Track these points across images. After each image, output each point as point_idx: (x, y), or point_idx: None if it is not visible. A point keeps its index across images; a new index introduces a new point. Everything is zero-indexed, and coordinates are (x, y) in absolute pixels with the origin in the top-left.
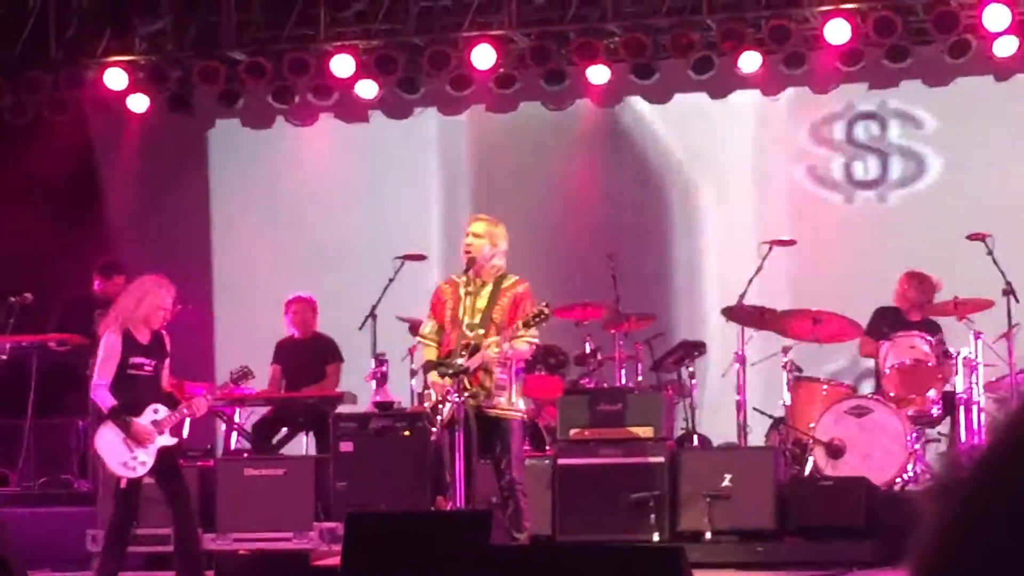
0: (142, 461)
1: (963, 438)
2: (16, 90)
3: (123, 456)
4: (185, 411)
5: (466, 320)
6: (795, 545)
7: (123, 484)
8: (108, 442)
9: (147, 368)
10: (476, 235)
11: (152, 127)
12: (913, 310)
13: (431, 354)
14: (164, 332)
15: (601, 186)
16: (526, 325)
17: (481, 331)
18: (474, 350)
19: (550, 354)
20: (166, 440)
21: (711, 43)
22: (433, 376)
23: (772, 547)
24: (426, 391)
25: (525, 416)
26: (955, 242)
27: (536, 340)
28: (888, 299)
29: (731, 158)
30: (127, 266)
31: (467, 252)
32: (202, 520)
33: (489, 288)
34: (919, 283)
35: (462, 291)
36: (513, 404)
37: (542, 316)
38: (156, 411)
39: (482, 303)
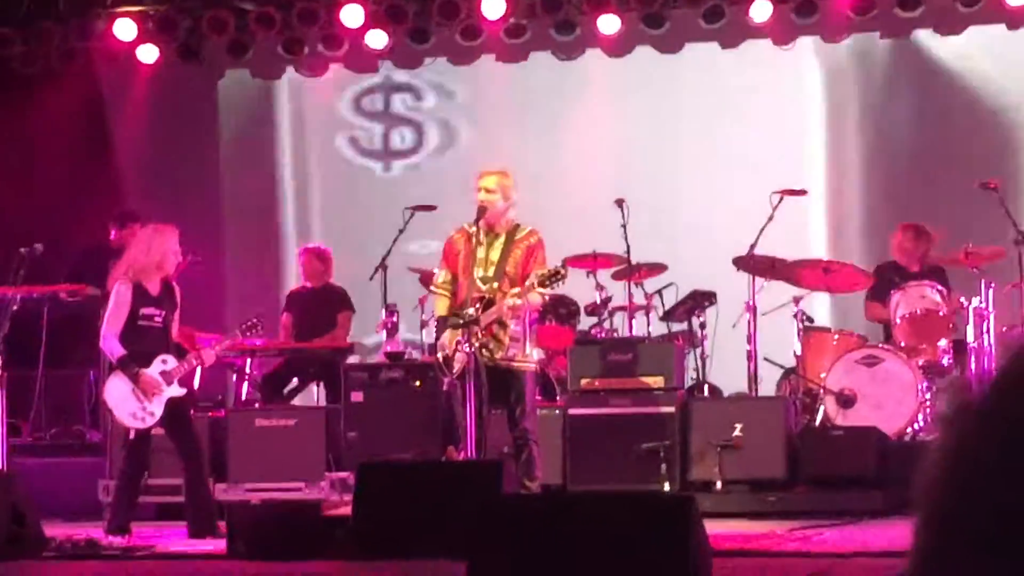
0: (151, 412)
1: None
2: (25, 41)
3: (132, 407)
4: (193, 361)
5: (479, 272)
6: (806, 494)
7: (132, 435)
8: (117, 393)
9: (157, 319)
10: (488, 190)
11: (162, 78)
12: (912, 262)
13: (443, 304)
14: (175, 283)
15: (611, 134)
16: (542, 284)
17: (495, 284)
18: (488, 304)
19: (561, 304)
20: (175, 391)
21: None
22: (446, 335)
23: (783, 497)
24: (439, 341)
25: (538, 367)
26: (967, 191)
27: (548, 292)
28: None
29: (753, 105)
30: (140, 218)
31: (481, 205)
32: (213, 470)
33: (502, 240)
34: (915, 235)
35: (474, 241)
36: (527, 355)
37: (558, 276)
38: (165, 362)
39: (495, 255)
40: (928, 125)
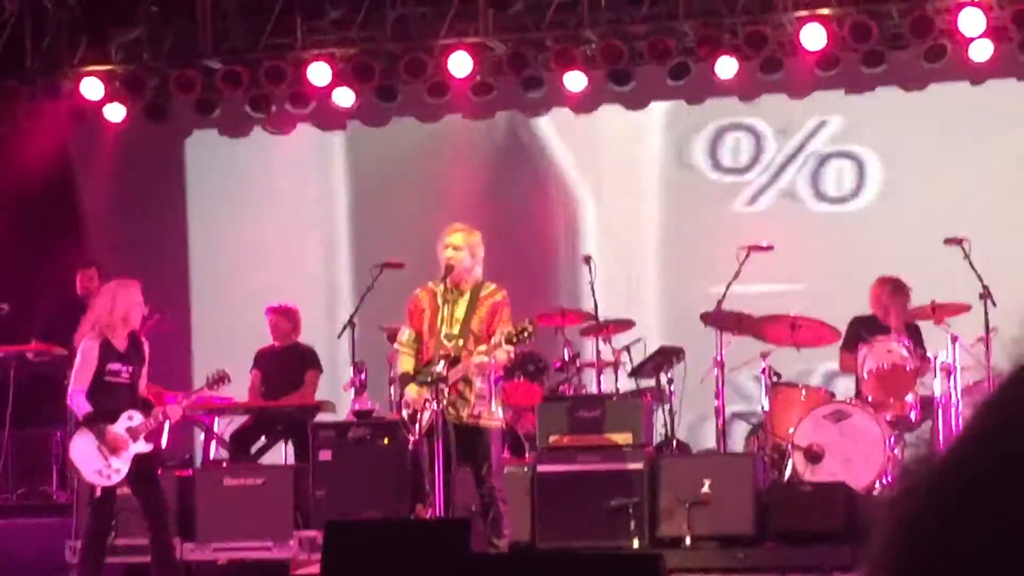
0: (116, 469)
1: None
2: None
3: (97, 464)
4: (160, 417)
5: (444, 330)
6: (775, 550)
7: (98, 492)
8: (83, 450)
9: (124, 375)
10: (455, 247)
11: (129, 136)
12: (889, 316)
13: (408, 362)
14: (143, 339)
15: (577, 190)
16: (508, 342)
17: (460, 341)
18: (453, 361)
19: (529, 361)
20: (141, 447)
21: (688, 49)
22: (411, 389)
23: (752, 553)
24: (404, 399)
25: (503, 424)
26: (933, 246)
27: (515, 349)
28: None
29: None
30: (106, 274)
31: (448, 263)
32: (181, 529)
33: (467, 297)
34: (894, 288)
35: (439, 299)
36: (492, 413)
37: (525, 333)
38: (131, 418)
39: (460, 312)
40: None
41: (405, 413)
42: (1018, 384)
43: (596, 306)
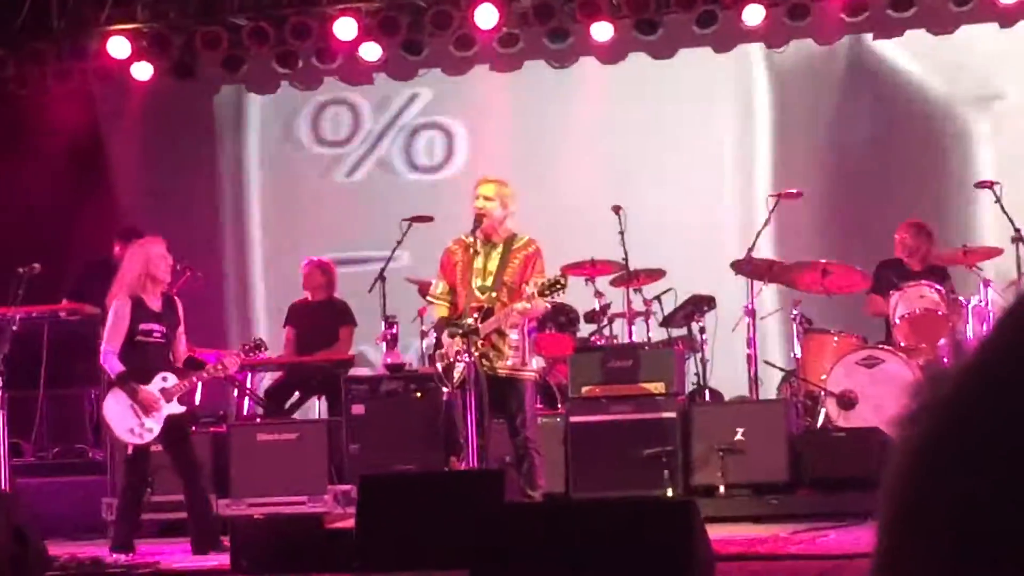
0: (148, 428)
1: None
2: (20, 61)
3: (130, 423)
4: (220, 368)
5: (477, 282)
6: (809, 497)
7: (130, 451)
8: (115, 409)
9: (156, 335)
10: (487, 197)
11: (157, 95)
12: (914, 259)
13: (442, 313)
14: (176, 298)
15: (606, 141)
16: (542, 295)
17: (493, 293)
18: (487, 313)
19: (560, 312)
20: (174, 408)
21: None
22: (445, 337)
23: (786, 499)
24: (439, 351)
25: (538, 375)
26: (965, 190)
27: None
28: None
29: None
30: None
31: (479, 214)
32: (216, 486)
33: (500, 249)
34: (917, 231)
35: (472, 251)
36: (526, 364)
37: (558, 285)
38: (165, 379)
39: (493, 264)
40: (899, 130)
41: (440, 365)
42: None
43: (626, 256)
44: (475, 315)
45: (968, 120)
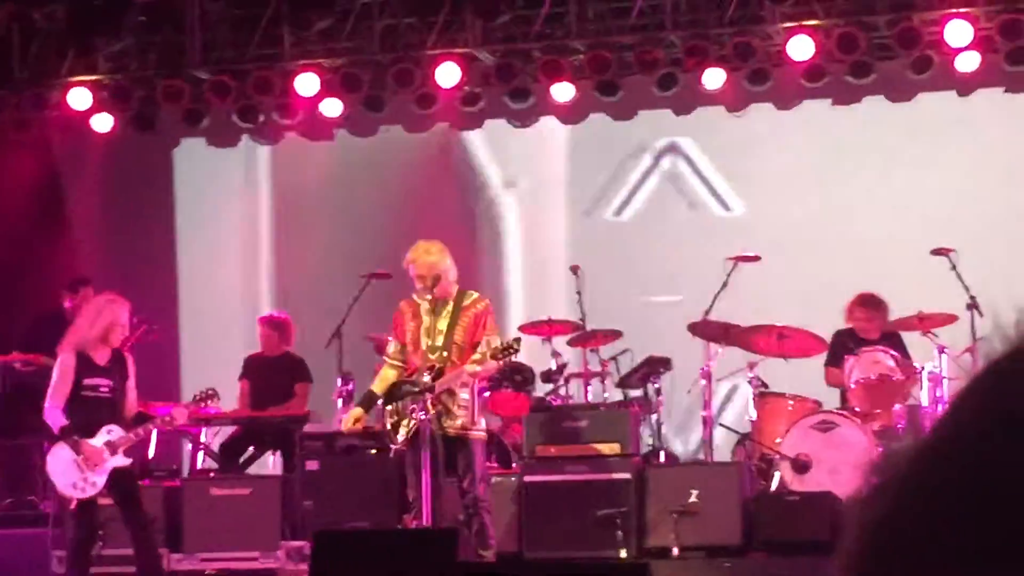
0: (92, 482)
1: None
2: None
3: (73, 477)
4: (163, 423)
5: (427, 342)
6: (762, 560)
7: (72, 505)
8: (59, 463)
9: (103, 389)
10: (431, 254)
11: (117, 146)
12: (869, 331)
13: (392, 374)
14: (127, 353)
15: (566, 200)
16: (494, 357)
17: (444, 353)
18: (438, 373)
19: (516, 371)
20: (120, 460)
21: (675, 59)
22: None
23: (739, 563)
24: (388, 408)
25: (487, 435)
26: (920, 257)
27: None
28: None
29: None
30: (94, 287)
31: (436, 275)
32: (169, 540)
33: (449, 308)
34: (869, 305)
35: (423, 310)
36: (476, 423)
37: (511, 350)
38: (110, 431)
39: (443, 324)
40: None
41: (388, 422)
42: (990, 380)
43: (583, 316)
44: (429, 374)
45: None
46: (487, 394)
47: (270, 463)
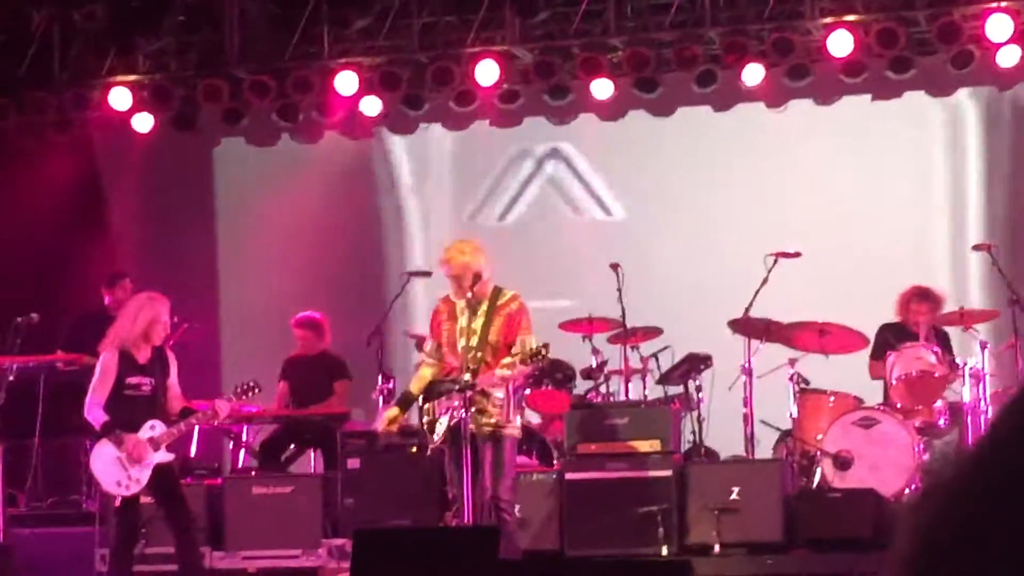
0: (136, 479)
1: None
2: (21, 111)
3: (117, 475)
4: (207, 416)
5: (463, 342)
6: (803, 557)
7: (117, 503)
8: (103, 461)
9: (144, 387)
10: (466, 253)
11: (157, 146)
12: (919, 324)
13: (429, 372)
14: (168, 351)
15: (607, 197)
16: (523, 363)
17: (479, 354)
18: (473, 373)
19: (557, 368)
20: (163, 456)
21: (714, 56)
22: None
23: (780, 559)
24: (425, 406)
25: (520, 432)
26: (962, 252)
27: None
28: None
29: (737, 167)
30: (133, 283)
31: (462, 273)
32: (210, 538)
33: (484, 307)
34: (919, 296)
35: (458, 309)
36: (510, 420)
37: (539, 356)
38: (153, 427)
39: (478, 324)
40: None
41: (425, 420)
42: None
43: (624, 313)
44: (470, 367)
45: None
46: (527, 391)
47: (311, 461)
